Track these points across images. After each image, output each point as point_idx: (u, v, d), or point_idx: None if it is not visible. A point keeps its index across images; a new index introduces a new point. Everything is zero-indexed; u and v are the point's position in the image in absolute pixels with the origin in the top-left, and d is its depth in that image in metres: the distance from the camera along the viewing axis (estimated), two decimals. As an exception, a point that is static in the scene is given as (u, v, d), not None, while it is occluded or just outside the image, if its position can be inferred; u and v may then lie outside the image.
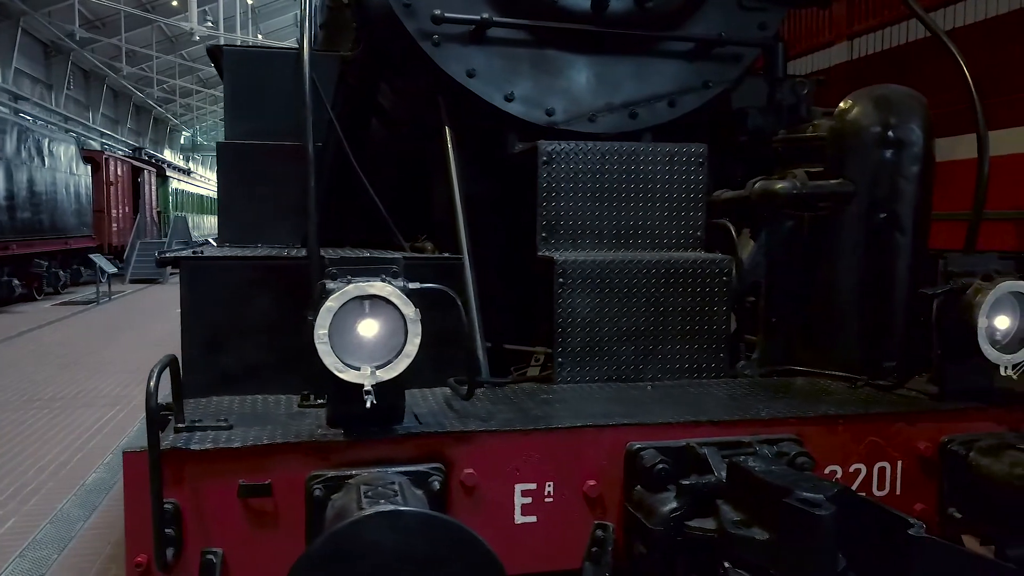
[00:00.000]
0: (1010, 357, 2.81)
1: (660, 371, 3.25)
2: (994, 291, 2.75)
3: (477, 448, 2.48)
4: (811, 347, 3.43)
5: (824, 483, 2.05)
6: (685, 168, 3.42)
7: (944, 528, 2.87)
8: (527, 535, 2.53)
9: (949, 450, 2.81)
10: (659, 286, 3.22)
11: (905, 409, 2.82)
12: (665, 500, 2.41)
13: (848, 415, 2.75)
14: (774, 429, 2.68)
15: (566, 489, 2.55)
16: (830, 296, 3.36)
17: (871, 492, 2.79)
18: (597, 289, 3.17)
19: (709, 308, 3.26)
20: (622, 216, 3.38)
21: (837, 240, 3.32)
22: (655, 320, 3.23)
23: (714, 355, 3.28)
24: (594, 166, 3.34)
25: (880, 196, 3.26)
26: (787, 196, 3.26)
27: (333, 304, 2.26)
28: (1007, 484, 2.63)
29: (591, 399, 2.92)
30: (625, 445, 2.57)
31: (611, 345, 3.20)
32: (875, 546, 2.02)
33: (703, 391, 3.07)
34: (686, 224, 3.43)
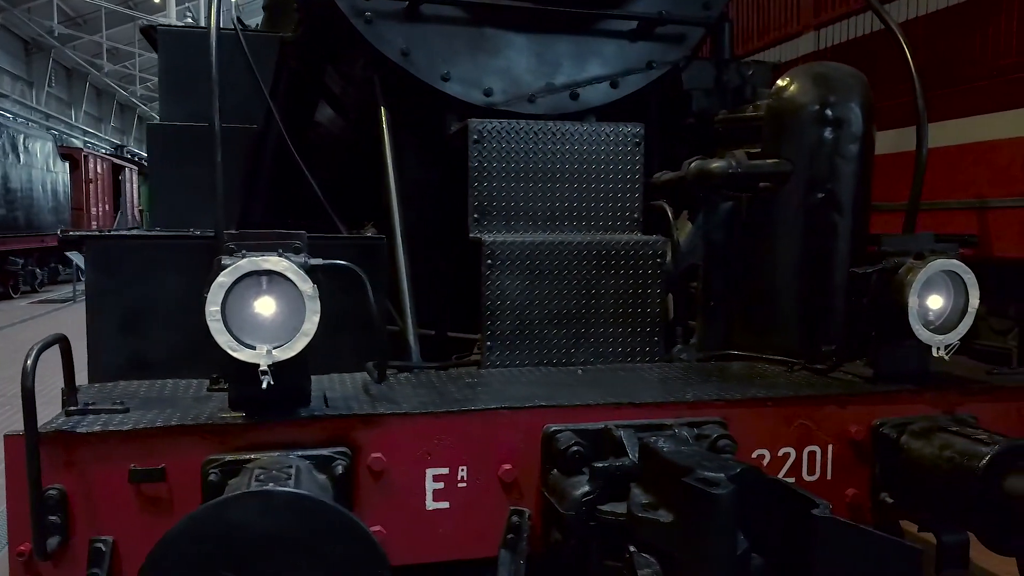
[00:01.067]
0: (942, 338, 2.74)
1: (592, 355, 3.16)
2: (925, 269, 2.68)
3: (385, 432, 2.39)
4: (749, 331, 3.35)
5: (729, 463, 1.96)
6: (621, 148, 3.33)
7: (877, 514, 2.80)
8: (439, 521, 2.44)
9: (881, 433, 2.74)
10: (591, 268, 3.14)
11: (835, 392, 2.75)
12: (578, 484, 2.32)
13: (776, 398, 2.68)
14: (699, 412, 2.60)
15: (480, 474, 2.46)
16: (768, 279, 3.28)
17: (801, 477, 2.72)
18: (527, 271, 3.08)
19: (643, 291, 3.18)
20: (557, 197, 3.29)
21: (774, 221, 3.25)
22: (587, 303, 3.14)
23: (648, 339, 3.20)
24: (527, 145, 3.25)
25: (818, 176, 3.18)
26: (722, 176, 3.18)
27: (225, 279, 2.17)
28: (936, 467, 2.55)
29: (516, 383, 2.83)
30: (542, 428, 2.49)
31: (542, 329, 3.11)
32: (780, 527, 1.94)
33: (634, 375, 2.99)
34: (623, 206, 3.34)
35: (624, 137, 3.33)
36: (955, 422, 2.73)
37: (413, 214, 3.91)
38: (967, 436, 2.55)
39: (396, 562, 2.45)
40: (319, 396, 2.53)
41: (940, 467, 2.54)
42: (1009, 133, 5.70)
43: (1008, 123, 5.70)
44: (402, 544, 2.41)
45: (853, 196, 3.23)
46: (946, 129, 6.24)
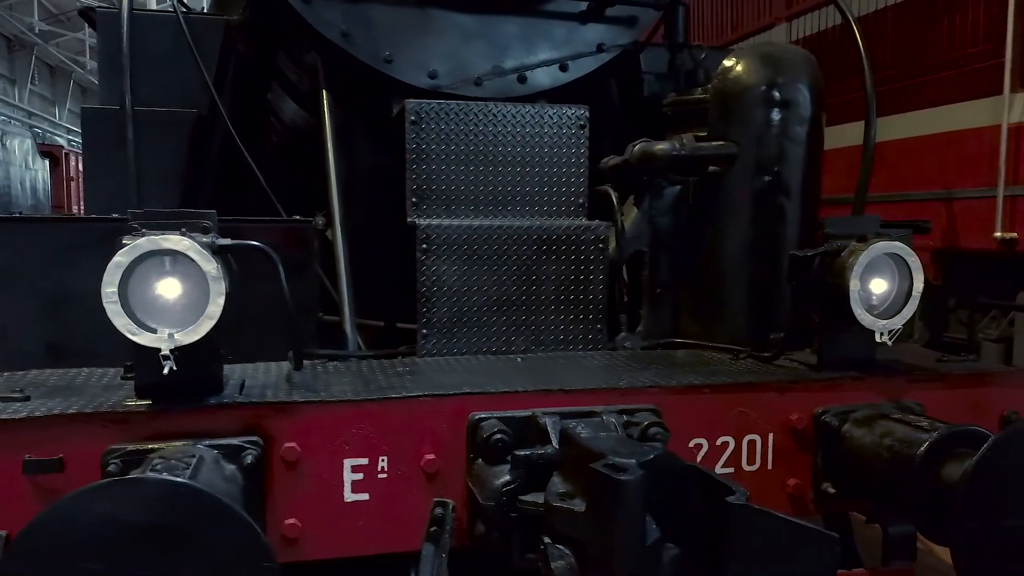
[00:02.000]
0: (885, 323, 2.65)
1: (533, 343, 3.07)
2: (867, 252, 2.60)
3: (299, 420, 2.28)
4: (696, 319, 3.27)
5: (643, 449, 1.87)
6: (565, 131, 3.24)
7: (820, 505, 2.72)
8: (359, 514, 2.34)
9: (823, 422, 2.66)
10: (531, 254, 3.04)
11: (775, 379, 2.66)
12: (500, 473, 2.23)
13: (713, 385, 2.59)
14: (633, 400, 2.51)
15: (402, 465, 2.36)
16: (714, 265, 3.19)
17: (741, 467, 2.63)
18: (464, 256, 2.99)
19: (585, 277, 3.09)
20: (499, 181, 3.19)
21: (721, 206, 3.16)
22: (527, 290, 3.05)
23: (591, 326, 3.11)
24: (467, 127, 3.15)
25: (764, 159, 3.10)
26: (666, 159, 3.09)
27: (123, 259, 2.06)
28: (876, 456, 2.47)
29: (450, 371, 2.73)
30: (467, 416, 2.39)
31: (480, 316, 3.01)
32: (698, 516, 1.85)
33: (574, 363, 2.90)
34: (567, 190, 3.25)
35: (568, 120, 3.24)
36: (900, 410, 2.65)
37: (365, 202, 3.82)
38: (908, 423, 2.47)
39: (313, 556, 2.36)
40: (237, 384, 2.42)
41: (880, 456, 2.45)
42: (975, 123, 5.64)
43: (974, 112, 5.65)
44: (319, 538, 2.31)
45: (802, 180, 3.15)
46: (915, 120, 6.19)
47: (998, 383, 2.84)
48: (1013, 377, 2.85)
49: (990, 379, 2.84)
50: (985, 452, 2.06)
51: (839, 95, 7.02)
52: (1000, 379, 2.85)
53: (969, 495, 2.06)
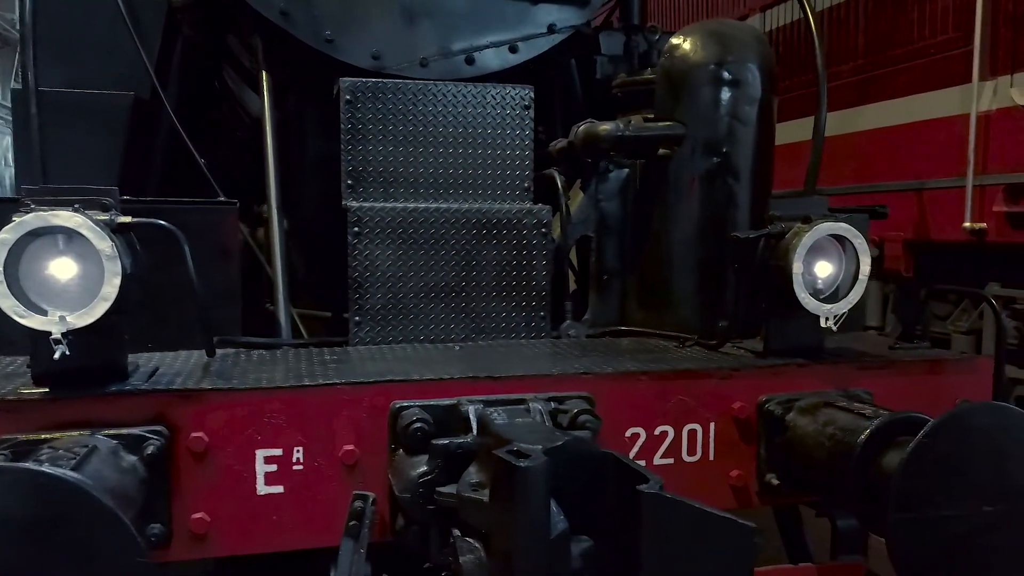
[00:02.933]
0: (831, 307, 2.55)
1: (473, 331, 2.95)
2: (811, 233, 2.49)
3: (207, 409, 2.16)
4: (644, 306, 3.16)
5: (557, 436, 1.76)
6: (509, 112, 3.12)
7: (764, 497, 2.61)
8: (273, 508, 2.22)
9: (766, 410, 2.55)
10: (470, 238, 2.93)
11: (716, 366, 2.56)
12: (418, 464, 2.12)
13: (650, 372, 2.48)
14: (566, 387, 2.40)
15: (319, 456, 2.24)
16: (661, 251, 3.09)
17: (681, 457, 2.53)
18: (399, 241, 2.87)
19: (527, 263, 2.98)
20: (439, 163, 3.07)
21: (668, 189, 3.06)
22: (467, 275, 2.93)
23: (533, 314, 3.00)
24: (405, 107, 3.03)
25: (712, 140, 2.99)
26: (610, 140, 2.98)
27: (8, 236, 1.93)
28: (819, 445, 2.37)
29: (380, 359, 2.61)
30: (389, 405, 2.28)
31: (417, 303, 2.90)
32: (613, 505, 1.74)
33: (513, 351, 2.78)
34: (511, 173, 3.13)
35: (511, 100, 3.12)
36: (847, 398, 2.56)
37: (316, 189, 3.71)
38: (852, 411, 2.37)
39: (224, 552, 2.24)
40: (147, 372, 2.30)
41: (823, 445, 2.35)
42: (945, 112, 5.56)
43: (944, 101, 5.56)
44: (230, 533, 2.19)
45: (752, 162, 3.05)
46: (886, 109, 6.10)
47: (951, 370, 2.74)
48: (966, 364, 2.76)
49: (942, 366, 2.75)
50: (921, 439, 1.96)
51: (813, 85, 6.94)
52: (953, 366, 2.75)
53: (904, 484, 1.96)
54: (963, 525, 1.98)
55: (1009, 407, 2.03)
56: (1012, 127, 5.07)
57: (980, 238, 5.27)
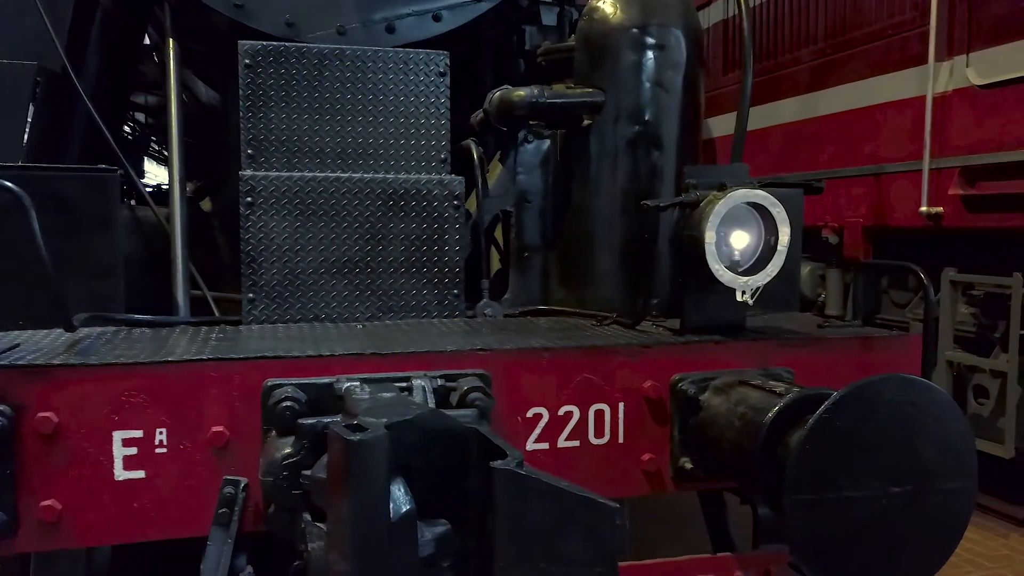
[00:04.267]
0: (747, 280, 2.40)
1: (380, 309, 2.79)
2: (724, 201, 2.34)
3: (57, 387, 1.98)
4: (565, 285, 3.00)
5: (413, 410, 1.60)
6: (423, 79, 2.95)
7: (679, 482, 2.46)
8: (133, 495, 2.04)
9: (679, 390, 2.40)
10: (376, 210, 2.76)
11: (625, 343, 2.40)
12: (285, 445, 1.95)
13: (553, 349, 2.32)
14: (461, 365, 2.23)
15: (185, 438, 2.07)
16: (582, 226, 2.93)
17: (587, 439, 2.37)
18: (296, 212, 2.70)
19: (439, 237, 2.81)
20: (348, 132, 2.90)
21: (588, 160, 2.90)
22: (372, 250, 2.76)
23: (446, 291, 2.83)
24: (310, 72, 2.85)
25: (633, 108, 2.84)
26: (525, 107, 2.82)
27: None
28: (729, 426, 2.22)
29: (269, 338, 2.43)
30: (263, 384, 2.10)
31: (317, 279, 2.72)
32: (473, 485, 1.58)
33: (420, 330, 2.62)
34: (426, 144, 2.96)
35: (426, 66, 2.95)
36: (766, 377, 2.40)
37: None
38: (765, 389, 2.22)
39: (79, 543, 2.07)
40: (2, 348, 2.12)
41: (733, 425, 2.20)
42: (902, 94, 5.44)
43: (901, 84, 5.44)
44: (85, 522, 2.01)
45: (677, 132, 2.90)
46: (844, 93, 5.97)
47: (880, 348, 2.60)
48: (896, 341, 2.61)
49: (871, 344, 2.60)
50: (821, 414, 1.81)
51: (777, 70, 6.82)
52: (882, 343, 2.61)
53: (803, 462, 1.81)
54: (868, 507, 1.83)
55: (920, 380, 1.88)
56: (968, 108, 4.95)
57: (937, 223, 5.16)
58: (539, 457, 2.33)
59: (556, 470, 2.34)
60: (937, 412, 1.88)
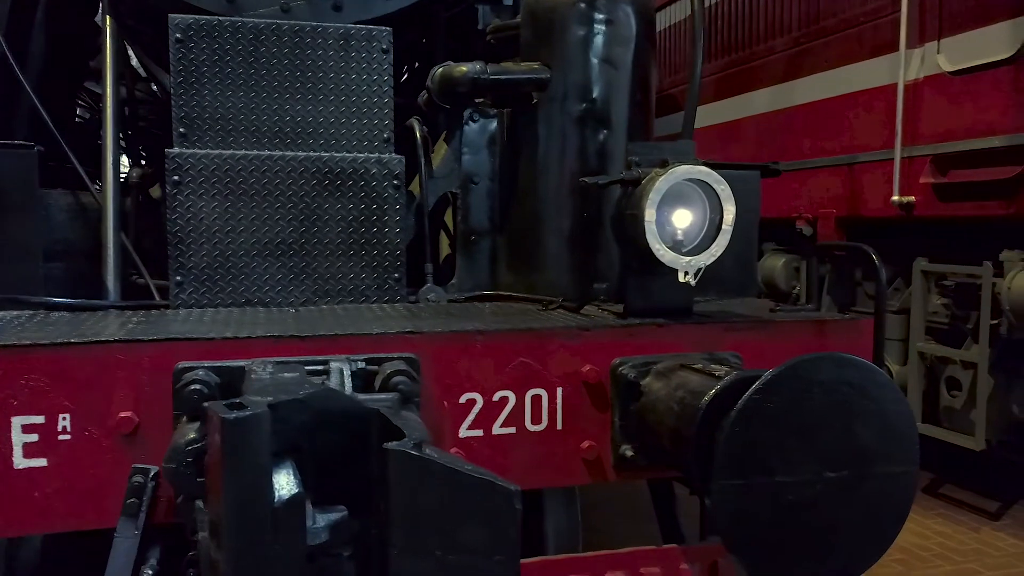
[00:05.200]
0: (690, 260, 2.31)
1: (317, 293, 2.68)
2: (665, 177, 2.24)
3: (-52, 369, 1.88)
4: (513, 269, 2.90)
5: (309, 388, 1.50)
6: (365, 56, 2.84)
7: (621, 471, 2.36)
8: (34, 484, 1.93)
9: (620, 374, 2.30)
10: (311, 190, 2.65)
11: (563, 325, 2.30)
12: (189, 431, 1.84)
13: (487, 332, 2.22)
14: (389, 348, 2.13)
15: (90, 424, 1.96)
16: (529, 208, 2.83)
17: (524, 426, 2.27)
18: (227, 192, 2.58)
19: (378, 219, 2.71)
20: (286, 110, 2.78)
21: (535, 139, 2.80)
22: (308, 231, 2.66)
23: (386, 275, 2.73)
24: (246, 48, 2.74)
25: (580, 85, 2.74)
26: (467, 82, 2.72)
27: None
28: (668, 411, 2.12)
29: (194, 321, 2.32)
30: (174, 367, 2.00)
31: (250, 262, 2.61)
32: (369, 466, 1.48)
33: (357, 315, 2.51)
34: (369, 123, 2.85)
35: (367, 42, 2.84)
36: (711, 361, 2.31)
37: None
38: (705, 372, 2.12)
39: (-23, 536, 1.96)
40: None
41: (672, 410, 2.11)
42: (874, 82, 5.36)
43: (873, 72, 5.36)
44: (-18, 512, 1.91)
45: (627, 111, 2.80)
46: (819, 82, 5.89)
47: (831, 332, 2.51)
48: (848, 325, 2.52)
49: (822, 328, 2.51)
50: (751, 396, 1.72)
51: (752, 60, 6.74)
52: (833, 327, 2.52)
53: (732, 446, 1.72)
54: (802, 493, 1.74)
55: (858, 360, 1.79)
56: (939, 95, 4.88)
57: (909, 212, 5.08)
58: (473, 444, 2.23)
59: (491, 458, 2.25)
60: (876, 393, 1.79)
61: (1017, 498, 5.26)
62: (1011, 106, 4.39)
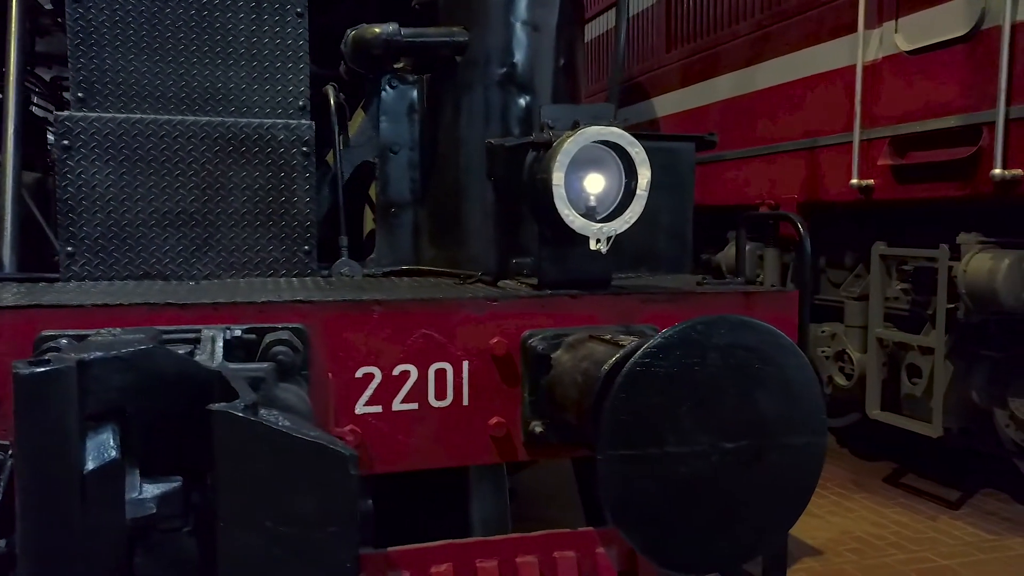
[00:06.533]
0: (601, 227, 2.19)
1: (220, 266, 2.54)
2: (574, 139, 2.12)
3: None
4: (435, 242, 2.78)
5: (138, 347, 1.37)
6: (279, 19, 2.70)
7: (532, 448, 2.25)
8: None
9: (529, 347, 2.18)
10: (213, 157, 2.51)
11: (470, 296, 2.18)
12: (45, 402, 1.71)
13: (386, 302, 2.09)
14: (277, 318, 2.00)
15: (-56, 396, 1.83)
16: (449, 179, 2.71)
17: (427, 402, 2.15)
18: (122, 158, 2.45)
19: (287, 188, 2.57)
20: (194, 75, 2.64)
21: (454, 106, 2.68)
22: (210, 201, 2.52)
23: (296, 248, 2.59)
24: (149, 8, 2.60)
25: (500, 48, 2.62)
26: (380, 44, 2.59)
27: None
28: (573, 383, 2.00)
29: (81, 293, 2.19)
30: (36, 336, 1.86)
31: (147, 232, 2.48)
32: (194, 427, 1.35)
33: (259, 289, 2.37)
34: (284, 89, 2.71)
35: (281, 5, 2.70)
36: (625, 333, 2.19)
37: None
38: (613, 343, 2.01)
39: None
40: None
41: (576, 382, 1.99)
42: (835, 64, 5.27)
43: (832, 54, 5.27)
44: None
45: (551, 76, 2.68)
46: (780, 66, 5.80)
47: (755, 303, 2.40)
48: (773, 297, 2.41)
49: (744, 299, 2.40)
50: (637, 360, 1.60)
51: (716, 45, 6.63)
52: (759, 299, 2.41)
53: (619, 415, 1.60)
54: (697, 465, 1.62)
55: (758, 323, 1.68)
56: (898, 75, 4.79)
57: (868, 196, 4.99)
58: (371, 421, 2.11)
59: (390, 436, 2.13)
60: (779, 359, 1.67)
61: (978, 487, 5.18)
62: (967, 84, 4.30)
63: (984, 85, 4.19)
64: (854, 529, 4.46)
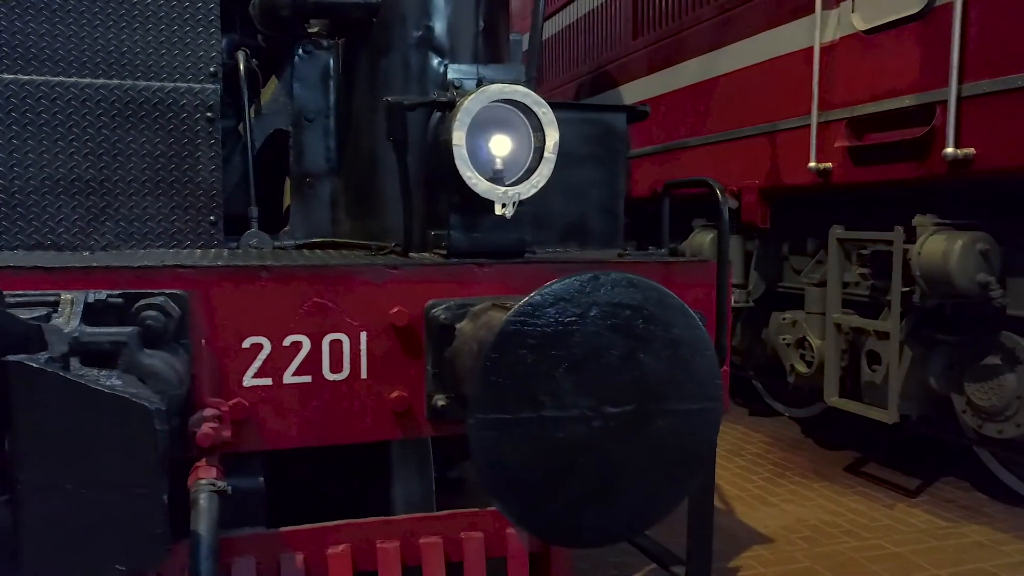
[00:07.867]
0: (506, 191, 2.08)
1: (119, 236, 2.43)
2: (474, 98, 2.02)
3: None
4: (352, 214, 2.67)
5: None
6: (186, -19, 2.60)
7: (436, 423, 2.14)
8: None
9: (432, 317, 2.08)
10: (109, 121, 2.40)
11: (367, 263, 2.07)
12: None
13: (274, 268, 1.99)
14: (155, 284, 1.89)
15: None
16: (365, 147, 2.60)
17: (321, 374, 2.04)
18: (10, 121, 2.33)
19: (189, 155, 2.46)
20: (96, 38, 2.52)
21: (369, 71, 2.57)
22: (107, 168, 2.41)
23: (200, 219, 2.48)
24: (47, -32, 2.49)
25: (416, 8, 2.51)
26: (289, 5, 2.48)
27: None
28: (469, 353, 1.90)
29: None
30: None
31: (40, 200, 2.36)
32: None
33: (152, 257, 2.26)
34: (193, 54, 2.59)
35: (188, -33, 2.60)
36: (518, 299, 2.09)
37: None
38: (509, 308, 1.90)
39: None
40: None
41: (472, 351, 1.89)
42: (794, 46, 5.18)
43: (791, 36, 5.19)
44: None
45: (472, 39, 2.57)
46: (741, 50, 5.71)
47: (673, 274, 2.31)
48: (692, 267, 2.32)
49: (663, 270, 2.31)
50: (509, 320, 1.50)
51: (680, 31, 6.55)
52: (677, 269, 2.32)
53: (490, 378, 1.50)
54: (576, 431, 1.52)
55: (643, 280, 1.58)
56: (855, 56, 4.70)
57: (826, 179, 4.90)
58: (260, 394, 2.00)
59: (281, 410, 2.02)
60: (666, 319, 1.58)
61: (939, 475, 5.11)
62: (921, 63, 4.22)
63: (938, 63, 4.11)
64: (809, 517, 4.38)
